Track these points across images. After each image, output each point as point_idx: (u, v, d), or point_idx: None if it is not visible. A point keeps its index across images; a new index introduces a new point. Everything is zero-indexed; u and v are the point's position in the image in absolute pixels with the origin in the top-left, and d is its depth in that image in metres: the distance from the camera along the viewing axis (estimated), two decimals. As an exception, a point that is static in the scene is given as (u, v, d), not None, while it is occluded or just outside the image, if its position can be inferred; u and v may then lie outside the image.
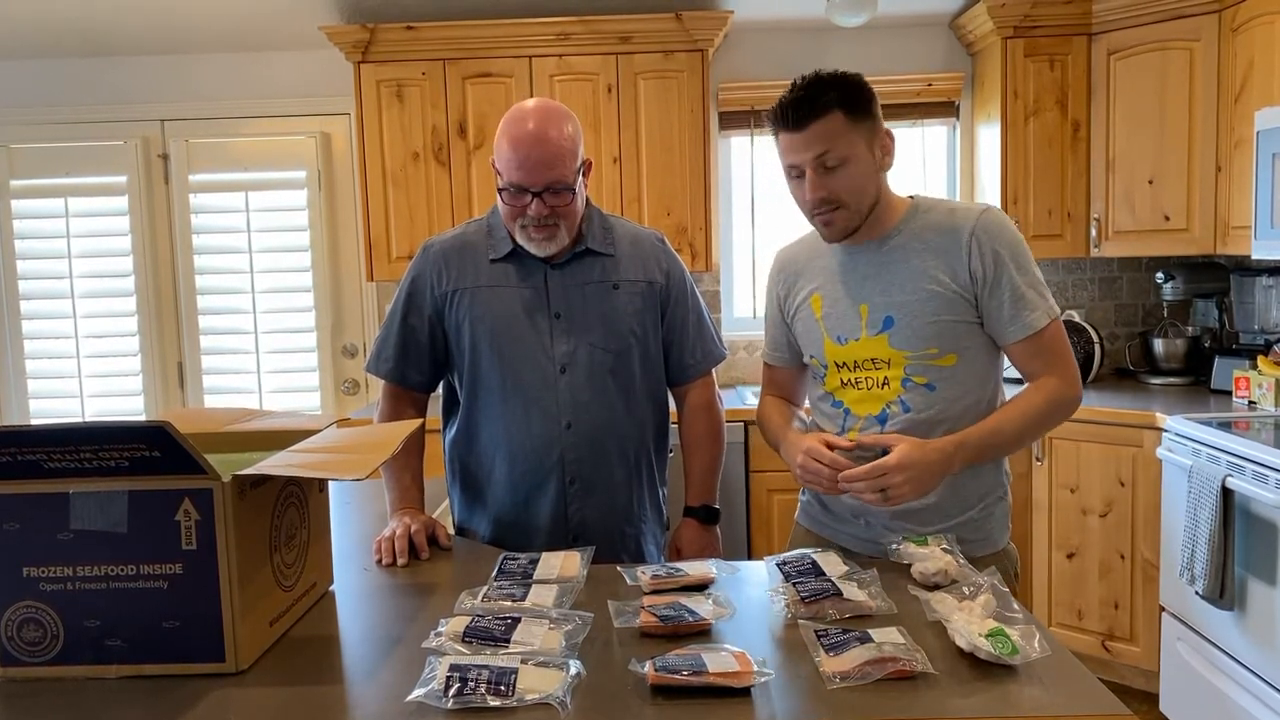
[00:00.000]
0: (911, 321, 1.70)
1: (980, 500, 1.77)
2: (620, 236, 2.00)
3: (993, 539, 1.79)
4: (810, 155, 1.65)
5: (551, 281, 1.93)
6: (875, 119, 1.69)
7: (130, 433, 1.21)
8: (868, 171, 1.69)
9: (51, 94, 4.08)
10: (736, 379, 4.12)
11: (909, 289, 1.70)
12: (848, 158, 1.65)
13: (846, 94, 1.65)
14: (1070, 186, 3.64)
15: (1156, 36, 3.42)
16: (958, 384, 1.71)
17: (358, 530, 2.01)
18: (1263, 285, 3.41)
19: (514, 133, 1.80)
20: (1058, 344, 1.71)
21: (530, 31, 3.61)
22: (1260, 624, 2.57)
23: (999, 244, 1.67)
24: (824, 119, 1.64)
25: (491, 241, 1.95)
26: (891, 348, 1.72)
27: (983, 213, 1.71)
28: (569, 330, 1.91)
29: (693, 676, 1.17)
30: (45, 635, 1.28)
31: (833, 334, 1.78)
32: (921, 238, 1.72)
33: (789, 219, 4.20)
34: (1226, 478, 2.61)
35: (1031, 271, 1.70)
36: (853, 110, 1.65)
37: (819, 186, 1.67)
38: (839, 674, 1.20)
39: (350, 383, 4.17)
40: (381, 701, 1.19)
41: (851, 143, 1.65)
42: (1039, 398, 1.70)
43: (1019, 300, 1.68)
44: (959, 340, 1.70)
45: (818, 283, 1.82)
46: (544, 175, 1.80)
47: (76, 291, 4.11)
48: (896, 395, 1.72)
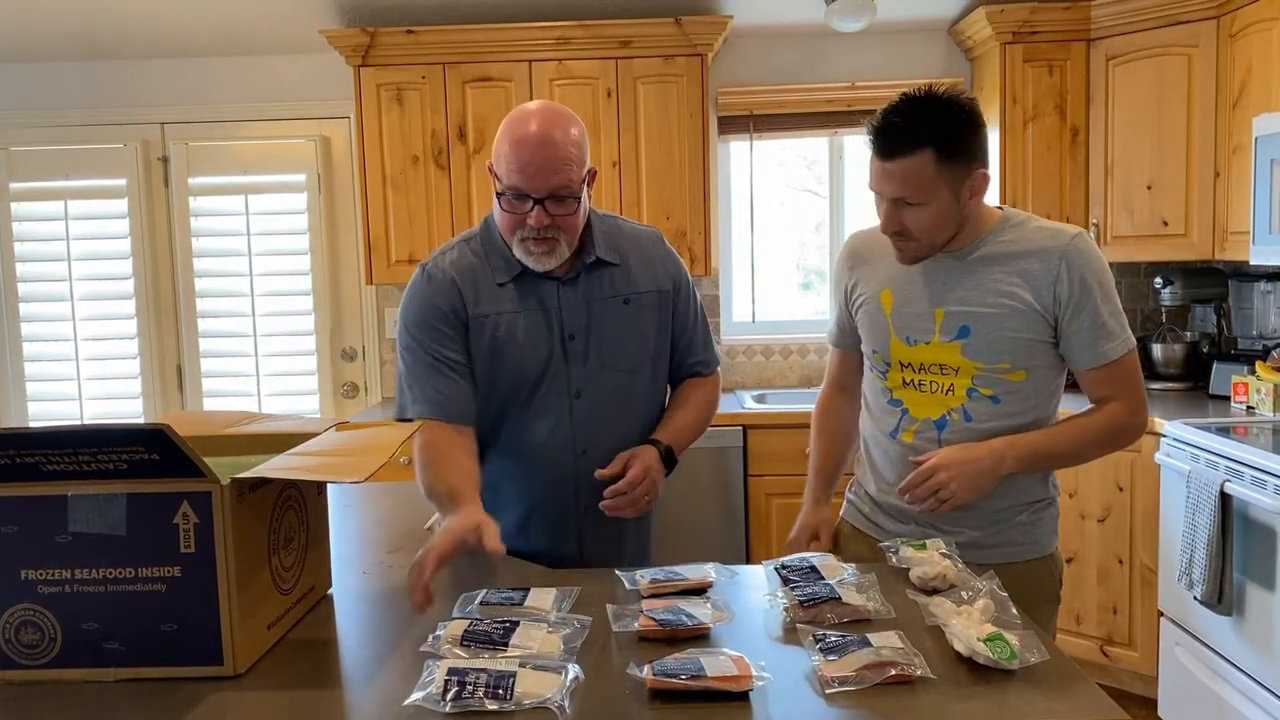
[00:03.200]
0: (988, 334, 1.68)
1: (1029, 505, 1.76)
2: (622, 241, 1.86)
3: (1041, 544, 1.79)
4: (889, 190, 1.63)
5: (564, 301, 1.79)
6: (973, 157, 1.62)
7: (129, 435, 1.21)
8: (948, 213, 1.64)
9: (51, 97, 4.08)
10: (736, 383, 4.13)
11: (990, 301, 1.68)
12: (928, 201, 1.61)
13: (946, 131, 1.59)
14: (1069, 192, 3.64)
15: (1155, 42, 3.42)
16: (1022, 400, 1.70)
17: (356, 534, 2.01)
18: (1261, 290, 3.42)
19: (516, 134, 1.66)
20: (1130, 374, 1.70)
21: (530, 36, 3.62)
22: (1258, 629, 2.57)
23: (1087, 271, 1.65)
24: (913, 157, 1.58)
25: (494, 262, 1.79)
26: (964, 356, 1.70)
27: (1075, 237, 1.67)
28: (582, 353, 1.79)
29: (691, 680, 1.17)
30: (43, 638, 1.28)
31: (901, 333, 1.75)
32: (1009, 253, 1.69)
33: (789, 221, 4.21)
34: (1225, 483, 2.61)
35: (1114, 301, 1.68)
36: (947, 151, 1.59)
37: (893, 220, 1.65)
38: (837, 678, 1.20)
39: (349, 386, 4.17)
40: (379, 705, 1.19)
41: (936, 187, 1.60)
42: (1100, 419, 1.71)
43: (1100, 329, 1.66)
44: (1032, 358, 1.68)
45: (890, 279, 1.77)
46: (548, 181, 1.65)
47: (76, 294, 4.11)
48: (960, 404, 1.71)
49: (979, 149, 1.63)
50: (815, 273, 4.27)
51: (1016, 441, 1.67)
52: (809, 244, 4.26)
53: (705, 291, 4.08)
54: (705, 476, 3.50)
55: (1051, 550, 1.81)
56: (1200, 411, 3.21)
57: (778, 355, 4.14)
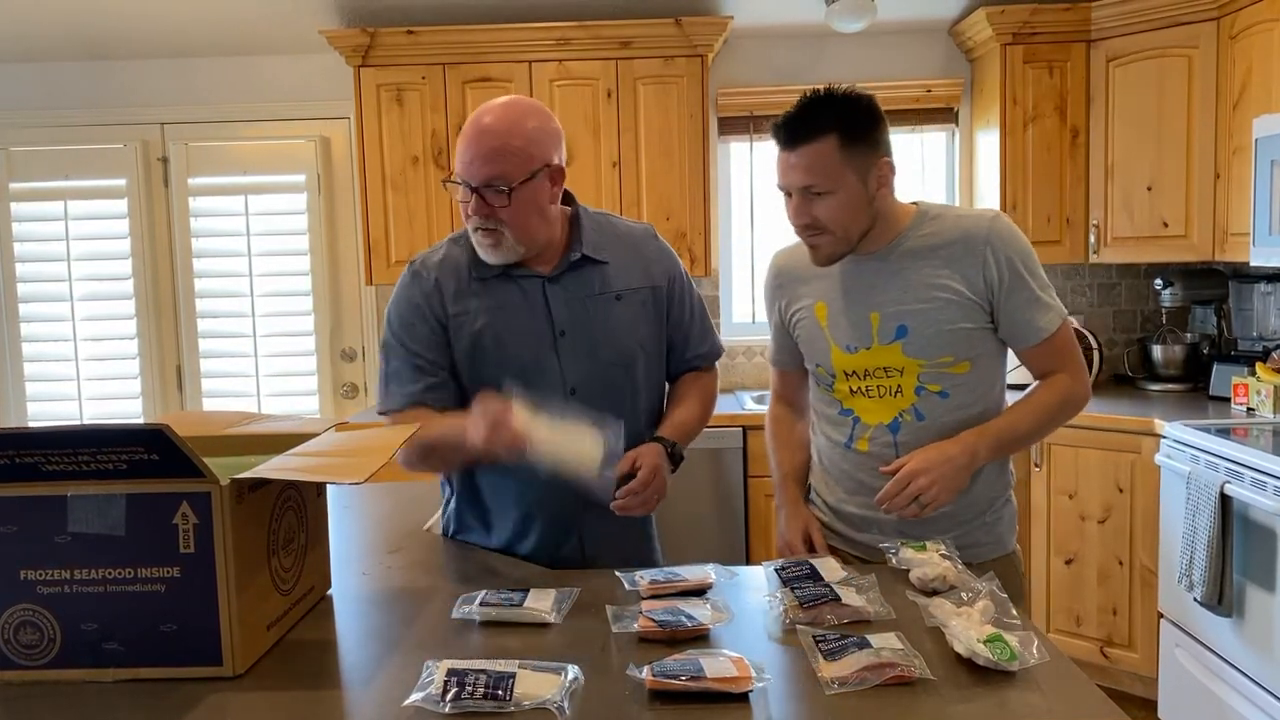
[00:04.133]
0: (926, 330, 1.69)
1: (990, 503, 1.78)
2: (615, 238, 1.87)
3: (1003, 541, 1.80)
4: (796, 179, 1.63)
5: (551, 297, 1.79)
6: (876, 146, 1.65)
7: (129, 435, 1.21)
8: (857, 202, 1.65)
9: (51, 97, 4.08)
10: (736, 384, 4.13)
11: (923, 297, 1.69)
12: (835, 188, 1.63)
13: (846, 117, 1.61)
14: (1069, 193, 3.64)
15: (1155, 44, 3.42)
16: (969, 390, 1.72)
17: (356, 534, 2.01)
18: (1261, 292, 3.42)
19: (468, 123, 1.70)
20: (1069, 344, 1.74)
21: (530, 36, 3.62)
22: (1258, 630, 2.57)
23: (1012, 251, 1.67)
24: (816, 143, 1.61)
25: (478, 259, 1.79)
26: (906, 356, 1.70)
27: (994, 219, 1.70)
28: (574, 348, 1.79)
29: (691, 682, 1.17)
30: (42, 638, 1.27)
31: (840, 343, 1.76)
32: (931, 245, 1.70)
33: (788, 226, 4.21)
34: (1225, 484, 2.61)
35: (1041, 275, 1.71)
36: (850, 137, 1.61)
37: (802, 212, 1.66)
38: (837, 679, 1.20)
39: (349, 386, 4.17)
40: (379, 706, 1.19)
41: (841, 173, 1.62)
42: (1051, 395, 1.73)
43: (1034, 305, 1.69)
44: (973, 347, 1.70)
45: (821, 291, 1.79)
46: (481, 170, 1.66)
47: (75, 294, 4.11)
48: (910, 404, 1.72)
49: (882, 139, 1.65)
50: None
51: (984, 431, 1.68)
52: (809, 245, 4.26)
53: (705, 292, 4.08)
54: (705, 477, 3.50)
55: (1013, 547, 1.83)
56: (1200, 413, 3.21)
57: (778, 356, 4.13)
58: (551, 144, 1.72)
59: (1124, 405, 3.41)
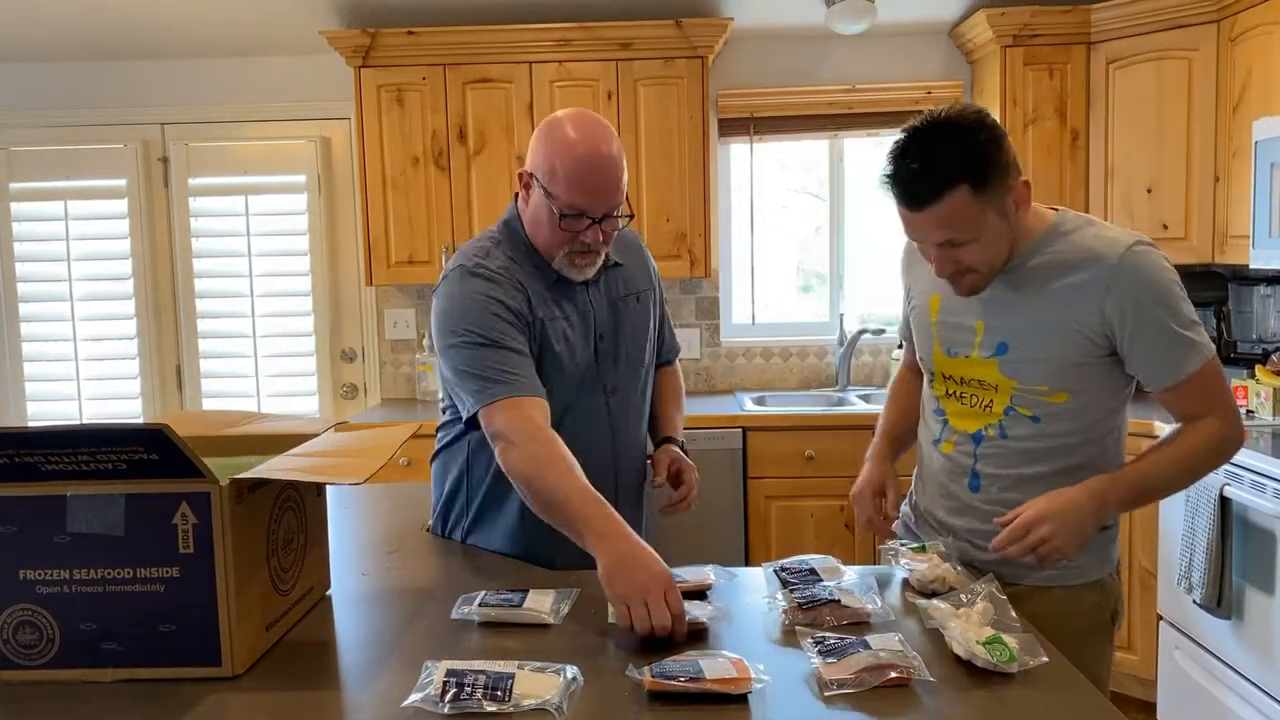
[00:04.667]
0: (1026, 354, 1.58)
1: None
2: (619, 240, 1.86)
3: (1086, 569, 1.64)
4: (933, 236, 1.51)
5: (594, 303, 1.81)
6: (1006, 173, 1.48)
7: (128, 435, 1.21)
8: (1000, 236, 1.52)
9: (52, 97, 4.08)
10: (735, 384, 4.12)
11: (1032, 320, 1.57)
12: (977, 235, 1.49)
13: (971, 160, 1.45)
14: (1069, 195, 3.64)
15: (1155, 46, 3.43)
16: (1066, 421, 1.59)
17: (355, 535, 2.01)
18: (1261, 294, 3.42)
19: (576, 153, 1.64)
20: (1214, 384, 1.56)
21: (530, 37, 3.62)
22: (1258, 633, 2.57)
23: (1142, 289, 1.51)
24: (946, 200, 1.45)
25: (528, 269, 1.76)
26: (1001, 374, 1.60)
27: (1129, 250, 1.52)
28: (612, 352, 1.83)
29: (690, 683, 1.17)
30: (41, 638, 1.27)
31: (944, 343, 1.68)
32: (1058, 266, 1.56)
33: (789, 224, 4.21)
34: (1224, 486, 2.61)
35: (1183, 312, 1.53)
36: (980, 181, 1.45)
37: (948, 262, 1.54)
38: (836, 680, 1.20)
39: (349, 387, 4.17)
40: (377, 706, 1.19)
41: (979, 219, 1.47)
42: (1197, 439, 1.57)
43: (1171, 344, 1.52)
44: (1077, 380, 1.57)
45: (938, 284, 1.65)
46: (607, 201, 1.67)
47: (75, 294, 4.11)
48: (997, 420, 1.62)
49: (1009, 160, 1.49)
50: (815, 275, 4.27)
51: (1116, 478, 1.54)
52: (809, 247, 4.26)
53: (705, 293, 4.08)
54: (705, 477, 3.45)
55: (1102, 576, 1.66)
56: (1200, 415, 3.21)
57: (777, 358, 4.14)
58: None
59: (1123, 407, 3.41)
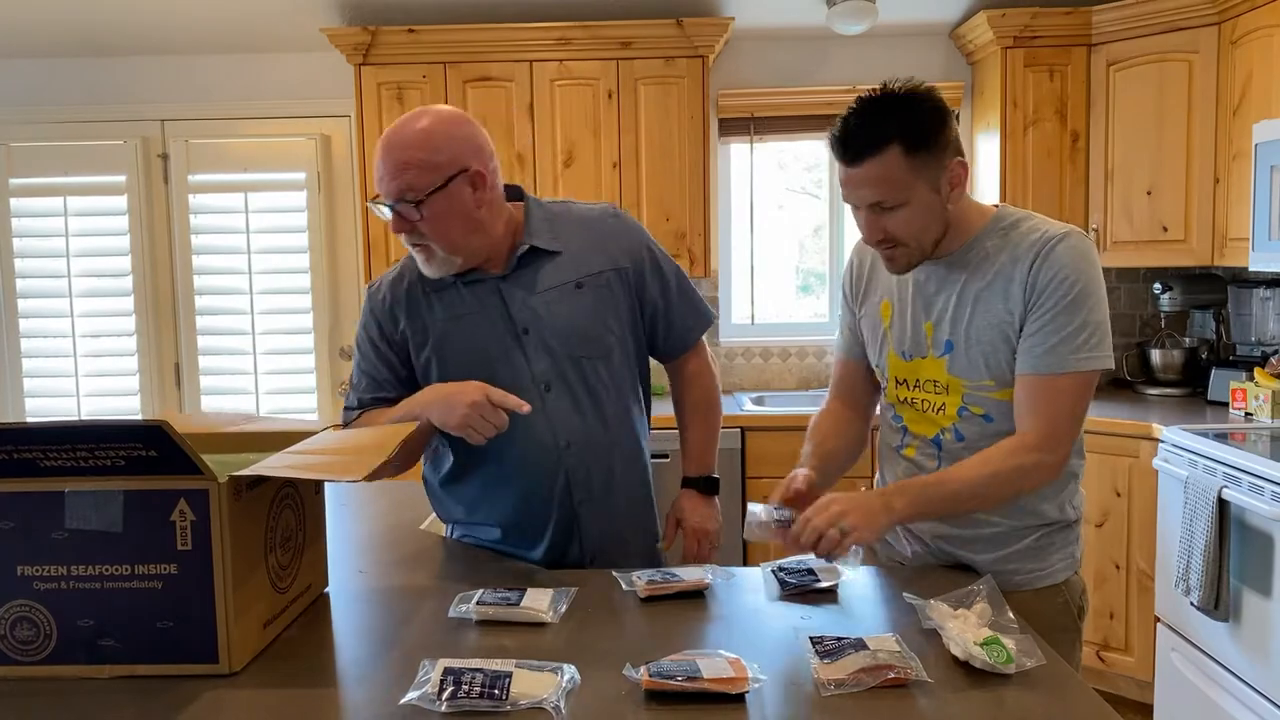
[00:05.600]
0: (969, 350, 1.57)
1: (1039, 528, 1.63)
2: (569, 225, 1.82)
3: (1053, 571, 1.64)
4: (863, 196, 1.52)
5: (508, 296, 1.75)
6: (944, 148, 1.50)
7: (127, 432, 1.21)
8: (931, 210, 1.52)
9: (51, 93, 4.08)
10: (735, 384, 4.12)
11: (971, 314, 1.57)
12: (906, 200, 1.50)
13: (909, 123, 1.47)
14: (1069, 197, 3.64)
15: (1156, 48, 3.43)
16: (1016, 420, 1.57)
17: (353, 533, 2.01)
18: (1260, 297, 3.42)
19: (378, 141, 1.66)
20: (1057, 396, 1.51)
21: (531, 36, 3.62)
22: (1255, 635, 2.57)
23: (1054, 273, 1.51)
24: (879, 156, 1.47)
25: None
26: (950, 374, 1.60)
27: (1060, 238, 1.53)
28: (541, 345, 1.75)
29: (687, 682, 1.17)
30: (38, 634, 1.27)
31: (899, 348, 1.68)
32: (993, 259, 1.56)
33: (788, 224, 4.21)
34: (1222, 489, 2.61)
35: (1083, 312, 1.51)
36: (915, 144, 1.47)
37: (874, 228, 1.54)
38: (833, 681, 1.20)
39: (347, 384, 4.16)
40: (374, 704, 1.19)
41: (910, 184, 1.49)
42: (999, 454, 1.53)
43: (1045, 335, 1.51)
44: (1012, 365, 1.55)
45: (890, 289, 1.68)
46: (390, 185, 1.63)
47: (74, 290, 4.10)
48: (951, 423, 1.62)
49: (949, 138, 1.51)
50: (814, 275, 4.27)
51: (903, 488, 1.54)
52: (808, 247, 4.26)
53: (704, 293, 4.04)
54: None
55: (1067, 577, 1.65)
56: (1198, 417, 3.22)
57: (776, 358, 4.14)
58: (464, 149, 1.65)
59: (1122, 409, 3.41)
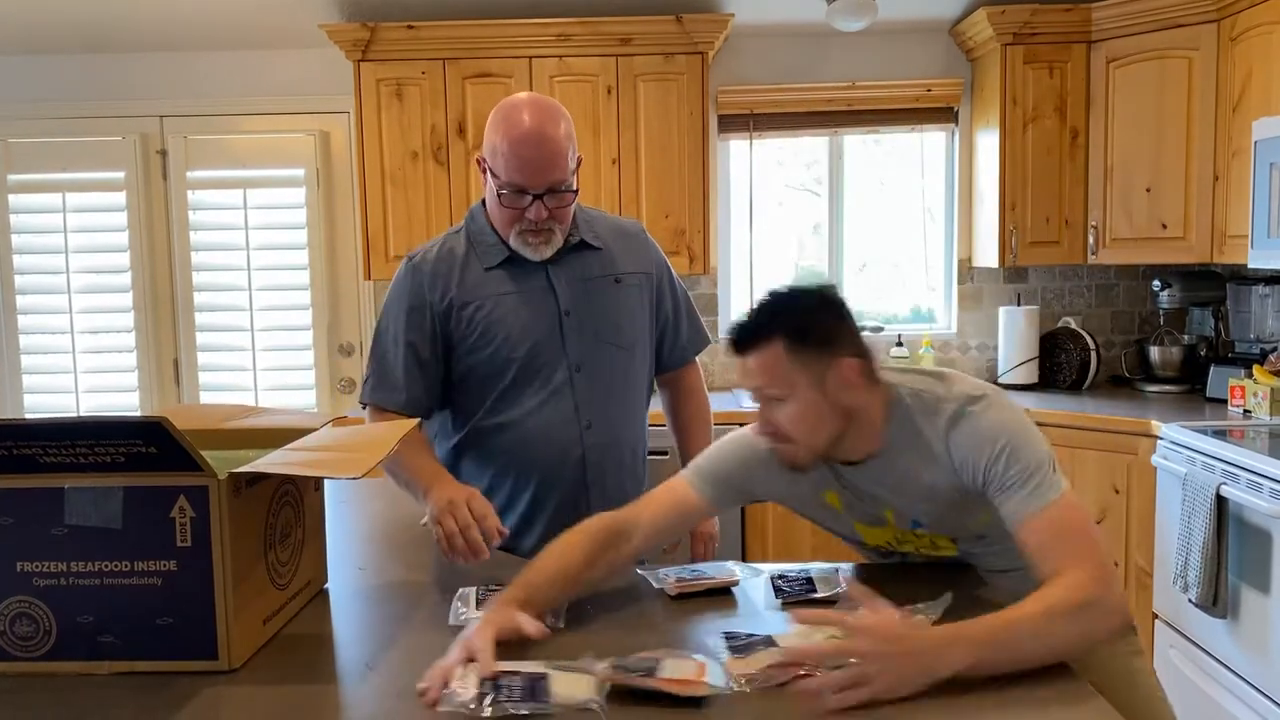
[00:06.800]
0: (941, 521, 1.55)
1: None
2: (605, 229, 1.95)
3: None
4: (748, 383, 1.49)
5: (555, 279, 1.85)
6: (830, 345, 1.45)
7: (127, 428, 1.21)
8: (814, 408, 1.45)
9: (50, 89, 4.07)
10: (733, 382, 4.12)
11: (926, 497, 1.51)
12: (788, 394, 1.45)
13: (795, 324, 1.44)
14: (1068, 194, 3.64)
15: (1155, 45, 3.43)
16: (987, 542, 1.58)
17: (353, 529, 2.01)
18: (1259, 294, 3.42)
19: (513, 132, 1.74)
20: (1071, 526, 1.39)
21: (530, 32, 3.61)
22: (1253, 632, 2.57)
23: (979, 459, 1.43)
24: (762, 351, 1.44)
25: (479, 250, 1.86)
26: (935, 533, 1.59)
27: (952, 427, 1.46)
28: (579, 329, 1.85)
29: (643, 678, 1.18)
30: (38, 631, 1.27)
31: (864, 520, 1.62)
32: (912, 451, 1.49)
33: (787, 221, 4.21)
34: (1221, 486, 2.61)
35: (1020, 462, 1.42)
36: (798, 338, 1.43)
37: (764, 422, 1.49)
38: (745, 676, 1.22)
39: (346, 381, 4.16)
40: (374, 701, 1.19)
41: (792, 379, 1.44)
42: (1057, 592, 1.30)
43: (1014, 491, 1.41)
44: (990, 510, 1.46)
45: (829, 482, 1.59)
46: (546, 177, 1.74)
47: (73, 287, 4.10)
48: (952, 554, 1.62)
49: (839, 336, 1.46)
50: (813, 274, 4.27)
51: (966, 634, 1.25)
52: (807, 244, 4.26)
53: (703, 290, 4.08)
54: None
55: None
56: (1197, 415, 3.22)
57: (775, 354, 4.13)
58: (575, 137, 1.83)
59: (1121, 406, 3.41)
